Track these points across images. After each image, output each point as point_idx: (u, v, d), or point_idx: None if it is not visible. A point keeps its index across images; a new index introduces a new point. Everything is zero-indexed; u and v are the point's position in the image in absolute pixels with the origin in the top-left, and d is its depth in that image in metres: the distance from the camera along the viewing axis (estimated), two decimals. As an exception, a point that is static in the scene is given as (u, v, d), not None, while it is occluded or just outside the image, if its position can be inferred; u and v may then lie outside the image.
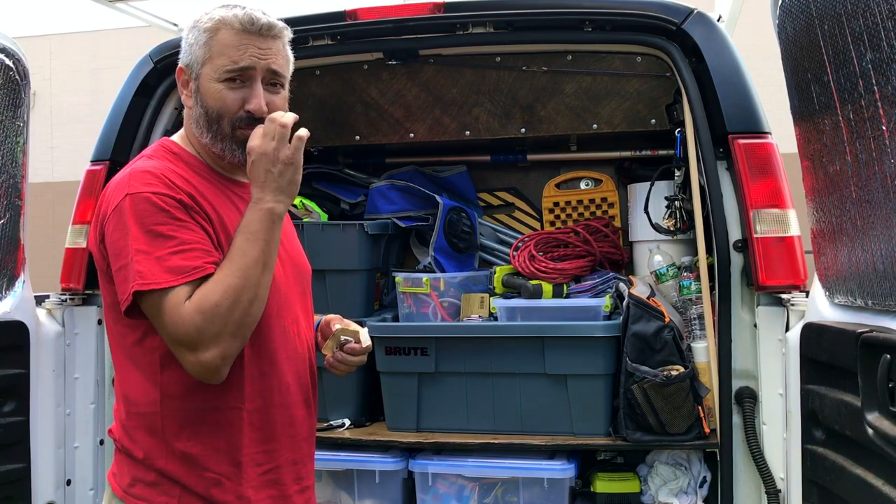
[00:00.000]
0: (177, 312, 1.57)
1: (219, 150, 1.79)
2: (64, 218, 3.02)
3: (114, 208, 1.66)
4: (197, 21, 1.79)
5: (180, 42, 1.84)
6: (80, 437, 2.78)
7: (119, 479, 1.76)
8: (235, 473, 1.73)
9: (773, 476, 2.35)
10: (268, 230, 1.66)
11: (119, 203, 1.65)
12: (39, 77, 11.00)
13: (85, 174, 2.87)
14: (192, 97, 1.79)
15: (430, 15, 2.68)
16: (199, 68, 1.76)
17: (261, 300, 1.65)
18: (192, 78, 1.77)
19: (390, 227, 3.13)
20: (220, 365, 1.60)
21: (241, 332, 1.62)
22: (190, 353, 1.58)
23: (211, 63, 1.75)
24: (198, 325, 1.57)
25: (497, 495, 2.66)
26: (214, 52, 1.74)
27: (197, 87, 1.77)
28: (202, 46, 1.75)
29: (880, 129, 1.63)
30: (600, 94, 2.87)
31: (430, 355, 2.74)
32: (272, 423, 1.80)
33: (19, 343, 2.52)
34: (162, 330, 1.61)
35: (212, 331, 1.57)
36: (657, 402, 2.46)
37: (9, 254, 2.49)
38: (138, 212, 1.62)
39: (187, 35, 1.80)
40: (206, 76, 1.75)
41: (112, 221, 1.66)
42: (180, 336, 1.58)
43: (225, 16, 1.75)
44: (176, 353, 1.62)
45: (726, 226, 2.43)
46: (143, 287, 1.59)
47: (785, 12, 2.02)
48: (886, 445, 1.59)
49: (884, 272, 1.71)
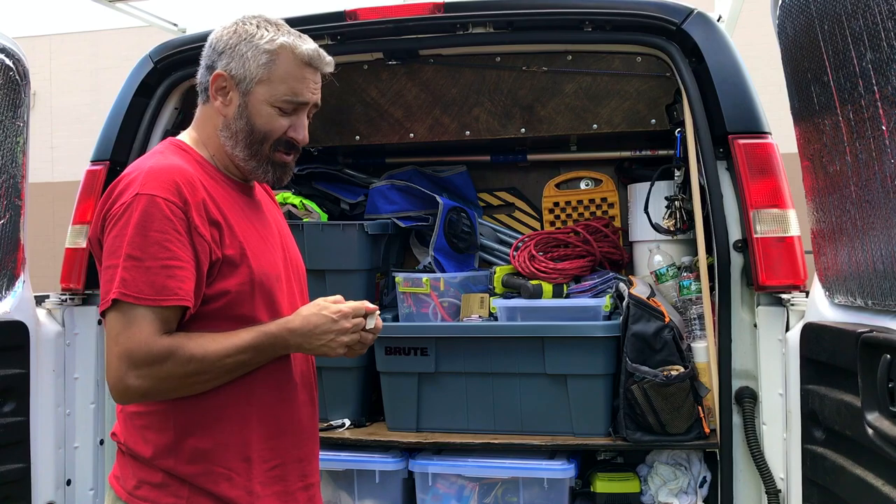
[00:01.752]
0: (143, 332, 1.59)
1: (250, 168, 1.81)
2: (64, 218, 3.02)
3: (120, 204, 1.65)
4: (252, 35, 1.77)
5: (180, 42, 1.84)
6: (80, 437, 2.78)
7: (123, 482, 1.75)
8: (245, 469, 1.74)
9: (773, 476, 2.35)
10: (269, 353, 1.73)
11: (127, 201, 1.64)
12: (39, 77, 11.01)
13: (85, 174, 2.88)
14: (231, 107, 1.79)
15: (430, 15, 2.68)
16: (251, 85, 1.77)
17: (213, 385, 1.70)
18: (240, 91, 1.77)
19: (390, 227, 3.13)
20: (137, 399, 1.65)
21: (175, 393, 1.67)
22: (130, 370, 1.59)
23: (269, 86, 1.77)
24: (159, 360, 1.59)
25: (497, 495, 2.66)
26: (275, 78, 1.76)
27: (245, 102, 1.78)
28: (261, 66, 1.76)
29: (880, 129, 1.63)
30: (600, 94, 2.87)
31: (430, 355, 2.74)
32: (279, 420, 1.81)
33: (19, 343, 2.52)
34: (117, 335, 1.60)
35: (163, 374, 1.61)
36: (657, 402, 2.46)
37: (9, 254, 2.49)
38: (143, 213, 1.62)
39: (237, 45, 1.77)
40: (259, 96, 1.77)
41: (114, 218, 1.65)
42: (136, 356, 1.59)
43: (293, 44, 1.77)
44: (110, 362, 1.61)
45: (726, 226, 2.43)
46: (123, 298, 1.59)
47: (785, 12, 2.02)
48: (886, 445, 1.59)
49: (884, 272, 1.71)
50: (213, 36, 1.82)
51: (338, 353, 1.77)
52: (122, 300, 1.60)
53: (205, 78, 1.82)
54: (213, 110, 1.82)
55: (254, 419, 1.76)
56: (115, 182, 1.72)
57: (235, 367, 1.69)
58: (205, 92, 1.83)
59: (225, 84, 1.78)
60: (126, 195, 1.66)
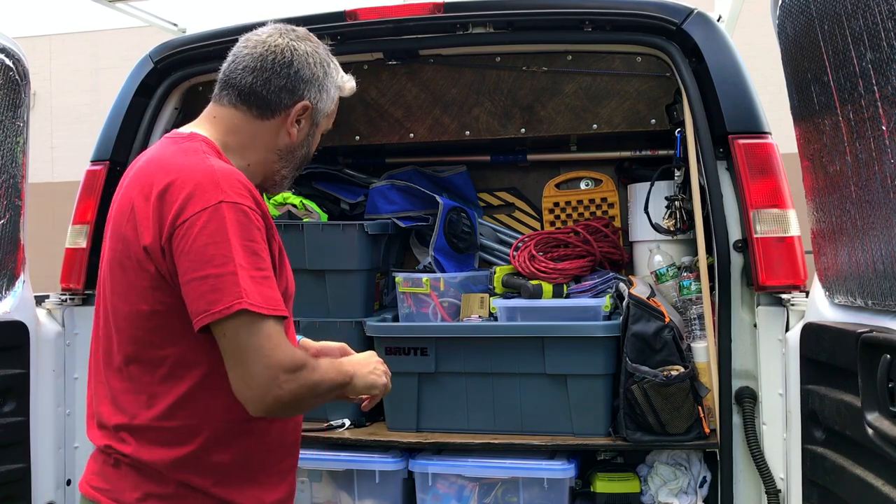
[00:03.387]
0: (282, 341, 1.56)
1: (283, 184, 1.87)
2: (64, 218, 3.02)
3: (201, 210, 1.55)
4: (329, 69, 1.83)
5: (180, 42, 1.84)
6: (80, 437, 2.77)
7: (119, 495, 1.68)
8: (257, 477, 1.73)
9: (773, 476, 2.35)
10: (343, 384, 1.77)
11: (208, 207, 1.56)
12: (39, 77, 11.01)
13: (85, 174, 2.88)
14: (301, 135, 1.82)
15: (430, 15, 2.68)
16: (321, 118, 1.85)
17: (321, 398, 1.72)
18: (312, 122, 1.83)
19: (390, 227, 3.13)
20: (280, 410, 1.60)
21: (303, 407, 1.68)
22: (279, 380, 1.54)
23: (329, 118, 1.88)
24: (300, 368, 1.58)
25: (497, 495, 2.66)
26: (331, 112, 1.88)
27: (312, 132, 1.85)
28: (331, 101, 1.85)
29: (880, 129, 1.63)
30: (600, 94, 2.87)
31: (430, 355, 2.74)
32: (285, 431, 1.81)
33: (19, 343, 2.52)
34: (259, 347, 1.53)
35: (308, 383, 1.60)
36: (657, 402, 2.46)
37: (9, 254, 2.50)
38: (236, 223, 1.56)
39: (323, 78, 1.81)
40: (321, 127, 1.88)
41: (199, 225, 1.55)
42: (286, 365, 1.55)
43: (348, 84, 1.91)
44: (254, 373, 1.54)
45: (726, 226, 2.43)
46: (251, 308, 1.52)
47: (785, 12, 2.02)
48: (886, 445, 1.59)
49: (884, 272, 1.71)
50: (291, 56, 1.77)
51: (382, 381, 1.87)
52: (250, 310, 1.52)
53: (280, 99, 1.76)
54: (273, 129, 1.79)
55: (274, 432, 1.76)
56: (169, 185, 1.61)
57: (333, 388, 1.73)
58: (268, 108, 1.77)
59: (305, 114, 1.80)
60: (202, 201, 1.57)
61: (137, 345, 1.66)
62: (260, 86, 1.75)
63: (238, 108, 1.77)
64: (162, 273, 1.59)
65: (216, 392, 1.63)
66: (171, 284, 1.59)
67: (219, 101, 1.80)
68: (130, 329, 1.66)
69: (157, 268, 1.60)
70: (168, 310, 1.61)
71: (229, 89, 1.78)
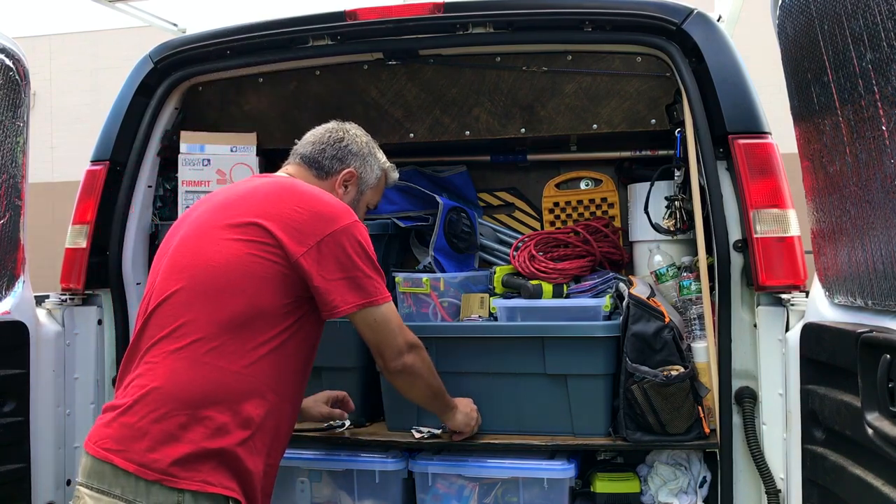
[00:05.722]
0: (402, 324, 2.21)
1: None
2: (64, 218, 3.02)
3: (346, 225, 2.08)
4: (373, 149, 2.46)
5: (180, 42, 1.88)
6: (80, 438, 2.77)
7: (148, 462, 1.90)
8: (276, 449, 2.10)
9: (773, 476, 2.35)
10: (445, 407, 2.50)
11: (350, 224, 2.09)
12: (39, 77, 11.01)
13: (85, 174, 2.88)
14: (348, 198, 2.36)
15: (430, 15, 2.68)
16: (365, 188, 2.43)
17: (432, 390, 2.40)
18: (358, 189, 2.41)
19: (390, 227, 3.13)
20: (408, 376, 2.28)
21: (420, 385, 2.34)
22: (408, 353, 2.21)
23: (373, 193, 2.47)
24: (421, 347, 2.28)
25: (497, 495, 2.65)
26: (377, 188, 2.48)
27: (358, 199, 2.41)
28: (375, 178, 2.45)
29: (880, 129, 1.63)
30: (600, 94, 2.87)
31: (430, 355, 2.73)
32: (288, 429, 2.17)
33: (19, 343, 2.52)
34: (387, 333, 2.15)
35: (427, 360, 2.32)
36: (657, 402, 2.46)
37: (9, 254, 2.50)
38: (364, 240, 2.11)
39: (367, 155, 2.42)
40: (366, 198, 2.45)
41: (346, 237, 2.06)
42: (410, 338, 2.22)
43: (392, 174, 2.56)
44: (397, 345, 2.18)
45: (726, 226, 2.43)
46: (387, 300, 2.14)
47: (785, 12, 2.02)
48: (886, 445, 1.59)
49: (884, 272, 1.71)
50: (343, 135, 2.40)
51: (476, 423, 2.59)
52: (385, 302, 2.13)
53: (332, 165, 2.36)
54: (327, 188, 2.31)
55: (286, 417, 2.12)
56: (313, 202, 2.10)
57: (440, 390, 2.41)
58: (322, 170, 2.35)
59: (351, 181, 2.38)
60: (343, 220, 2.09)
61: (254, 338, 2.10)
62: (317, 153, 2.36)
63: (302, 167, 2.36)
64: (297, 274, 2.04)
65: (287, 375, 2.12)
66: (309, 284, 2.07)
67: (289, 163, 2.40)
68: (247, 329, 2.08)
69: (302, 268, 2.03)
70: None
71: (295, 156, 2.39)
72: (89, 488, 1.90)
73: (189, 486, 1.85)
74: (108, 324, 2.88)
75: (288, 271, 2.01)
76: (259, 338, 1.98)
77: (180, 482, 1.84)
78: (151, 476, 1.84)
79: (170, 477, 1.84)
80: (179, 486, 1.84)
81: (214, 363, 1.92)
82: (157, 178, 3.03)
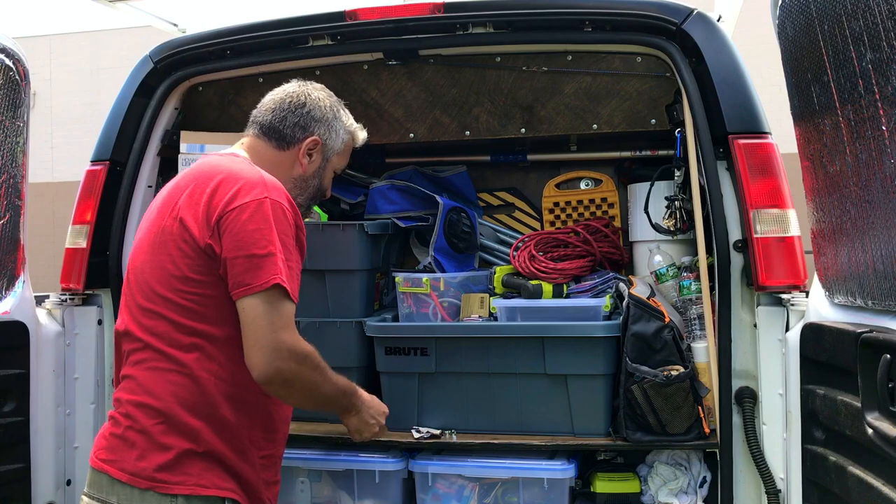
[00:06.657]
0: (291, 322, 1.87)
1: (300, 212, 2.07)
2: (64, 218, 3.02)
3: (252, 200, 1.87)
4: (338, 112, 2.29)
5: (180, 42, 1.88)
6: (80, 438, 2.78)
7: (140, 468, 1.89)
8: (267, 439, 2.03)
9: (773, 476, 2.35)
10: (344, 402, 2.16)
11: (259, 199, 1.88)
12: (39, 77, 11.02)
13: (85, 174, 2.88)
14: (312, 167, 2.23)
15: (430, 15, 2.68)
16: (331, 154, 2.28)
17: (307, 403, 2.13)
18: (323, 157, 2.25)
19: (390, 227, 3.12)
20: (278, 387, 1.89)
21: (298, 396, 1.98)
22: (283, 359, 1.84)
23: (340, 158, 2.33)
24: (303, 358, 1.89)
25: (497, 495, 2.66)
26: (344, 152, 2.34)
27: (323, 166, 2.27)
28: (341, 142, 2.30)
29: (880, 129, 1.64)
30: (600, 94, 2.87)
31: (430, 355, 2.74)
32: (279, 417, 2.08)
33: (19, 343, 2.52)
34: (264, 323, 1.82)
35: (307, 370, 1.91)
36: (657, 402, 2.46)
37: (9, 254, 2.50)
38: (278, 217, 1.89)
39: (332, 120, 2.24)
40: (332, 164, 2.30)
41: (250, 211, 1.86)
42: (287, 341, 1.85)
43: (360, 133, 2.39)
44: (263, 346, 1.82)
45: (726, 226, 2.43)
46: (283, 284, 1.83)
47: (785, 12, 2.02)
48: (886, 445, 1.59)
49: (884, 272, 1.71)
50: (304, 100, 2.21)
51: (374, 429, 2.28)
52: (283, 287, 1.84)
53: (294, 133, 2.19)
54: (289, 159, 2.19)
55: (270, 406, 2.03)
56: (222, 182, 1.91)
57: (332, 398, 2.07)
58: (284, 140, 2.18)
59: (315, 148, 2.22)
60: (252, 194, 1.88)
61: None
62: (278, 122, 2.18)
63: (261, 139, 2.18)
64: (203, 249, 1.87)
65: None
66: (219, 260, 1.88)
67: (247, 134, 2.22)
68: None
69: (198, 244, 1.88)
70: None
71: (254, 125, 2.21)
72: (91, 497, 1.95)
73: (182, 491, 1.86)
74: (108, 324, 2.88)
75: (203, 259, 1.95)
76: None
77: (173, 487, 1.86)
78: (143, 484, 1.86)
79: (162, 483, 1.86)
80: (173, 492, 1.86)
81: (180, 369, 1.92)
82: (157, 178, 3.03)
